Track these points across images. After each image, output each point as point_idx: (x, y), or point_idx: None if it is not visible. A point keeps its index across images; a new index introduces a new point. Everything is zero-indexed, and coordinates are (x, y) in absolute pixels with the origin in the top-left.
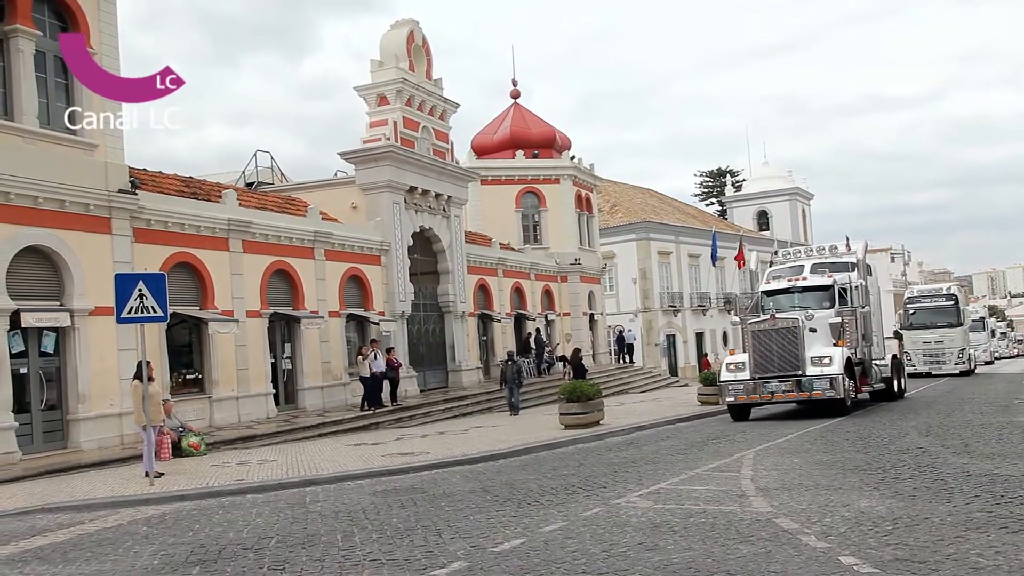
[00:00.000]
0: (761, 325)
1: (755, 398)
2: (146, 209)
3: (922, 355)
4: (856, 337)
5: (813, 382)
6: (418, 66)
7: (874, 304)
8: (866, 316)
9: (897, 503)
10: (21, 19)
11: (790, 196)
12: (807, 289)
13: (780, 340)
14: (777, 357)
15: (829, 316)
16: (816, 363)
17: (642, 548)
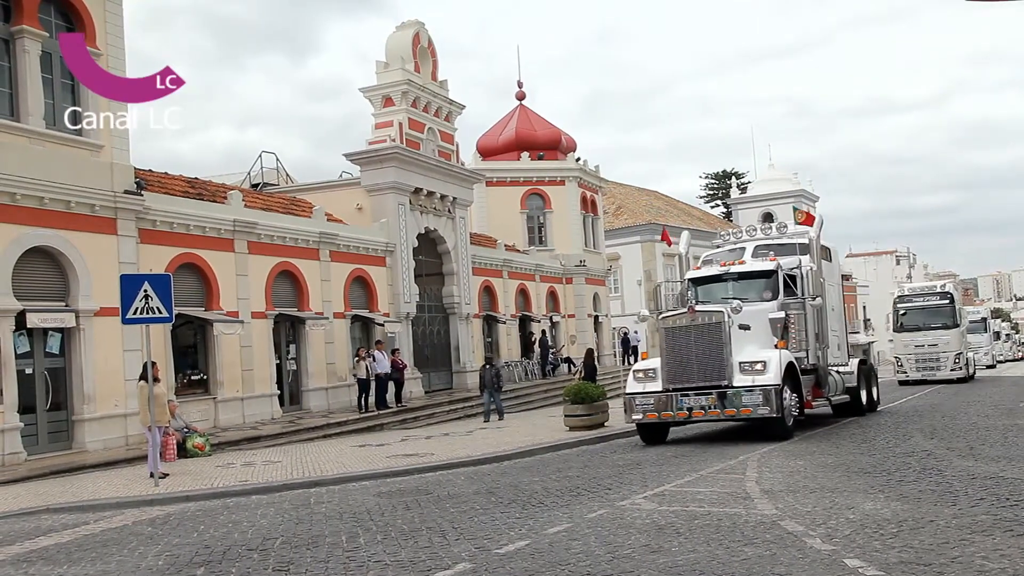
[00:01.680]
0: (676, 321)
1: (668, 415)
2: (152, 210)
3: (914, 360)
4: (806, 337)
5: (741, 395)
6: (424, 68)
7: (834, 296)
8: (821, 311)
9: (902, 506)
10: (27, 20)
11: (795, 198)
12: (744, 276)
13: (700, 340)
14: (697, 362)
15: (769, 310)
16: (746, 370)
17: (647, 550)
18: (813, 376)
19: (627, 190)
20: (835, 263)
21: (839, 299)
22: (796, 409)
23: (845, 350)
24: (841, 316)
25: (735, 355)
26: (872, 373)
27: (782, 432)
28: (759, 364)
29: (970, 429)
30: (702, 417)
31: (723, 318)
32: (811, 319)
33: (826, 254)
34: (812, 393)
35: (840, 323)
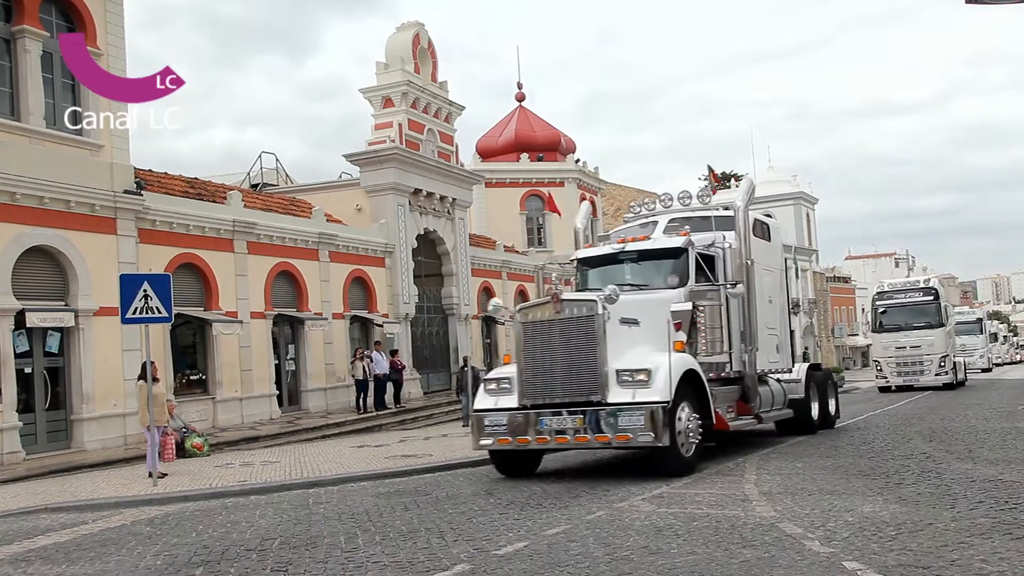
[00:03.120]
0: (536, 313)
1: (524, 441)
2: (151, 210)
3: (895, 364)
4: (724, 336)
5: (618, 416)
6: (423, 69)
7: (773, 284)
8: (748, 302)
9: (901, 508)
10: (28, 20)
11: (795, 200)
12: (645, 255)
13: (567, 340)
14: (562, 370)
15: (671, 300)
16: (625, 381)
17: (645, 552)
18: (738, 387)
19: (626, 192)
20: (776, 243)
21: (781, 288)
22: (698, 434)
23: (787, 353)
24: (784, 310)
25: (613, 360)
26: (828, 382)
27: (676, 466)
28: (641, 374)
29: (969, 432)
30: (566, 444)
31: (596, 309)
32: (736, 313)
33: (762, 230)
34: (737, 408)
35: (782, 319)
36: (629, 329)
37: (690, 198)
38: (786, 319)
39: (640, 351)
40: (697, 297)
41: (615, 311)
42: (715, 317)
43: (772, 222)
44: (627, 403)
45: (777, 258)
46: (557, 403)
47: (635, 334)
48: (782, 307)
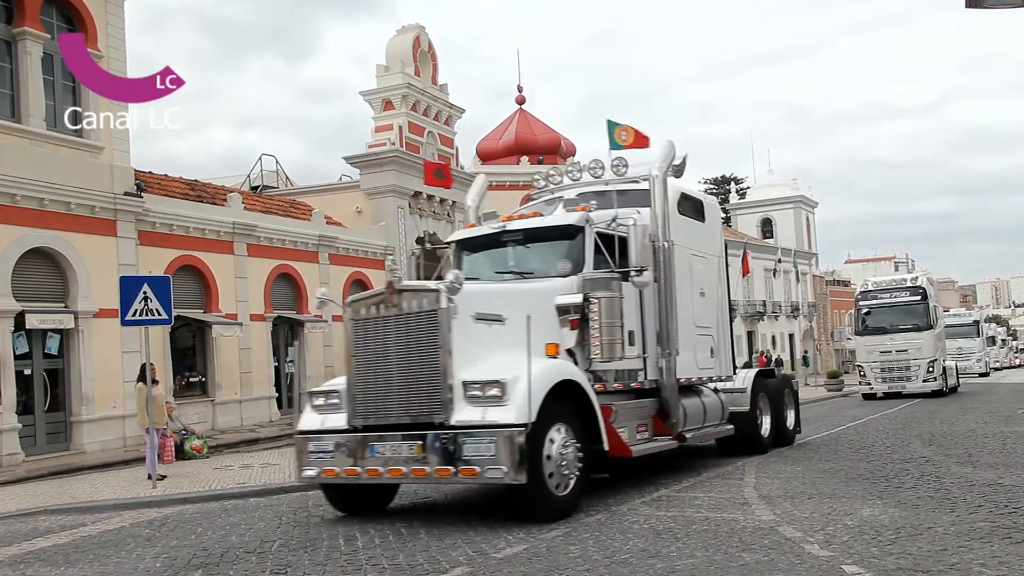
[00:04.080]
0: (368, 308)
1: (354, 472)
2: (151, 212)
3: (880, 369)
4: (622, 335)
5: (462, 443)
6: (424, 71)
7: (703, 274)
8: (666, 294)
9: (900, 512)
10: (29, 22)
11: (794, 204)
12: (533, 236)
13: (405, 343)
14: (399, 381)
15: (553, 291)
16: (474, 397)
17: (644, 555)
18: (654, 400)
19: None
20: (713, 225)
21: (719, 279)
22: (574, 468)
23: (727, 358)
24: (723, 306)
25: (463, 368)
26: (785, 391)
27: (542, 509)
28: (493, 387)
29: (968, 436)
30: (401, 478)
31: (440, 302)
32: (651, 308)
33: (691, 208)
34: (654, 426)
35: (720, 316)
36: (490, 328)
37: (602, 168)
38: (725, 316)
39: (501, 357)
40: (592, 287)
41: (469, 304)
42: (614, 312)
43: (709, 200)
44: (475, 425)
45: (714, 243)
46: (392, 424)
47: (500, 335)
48: (721, 302)
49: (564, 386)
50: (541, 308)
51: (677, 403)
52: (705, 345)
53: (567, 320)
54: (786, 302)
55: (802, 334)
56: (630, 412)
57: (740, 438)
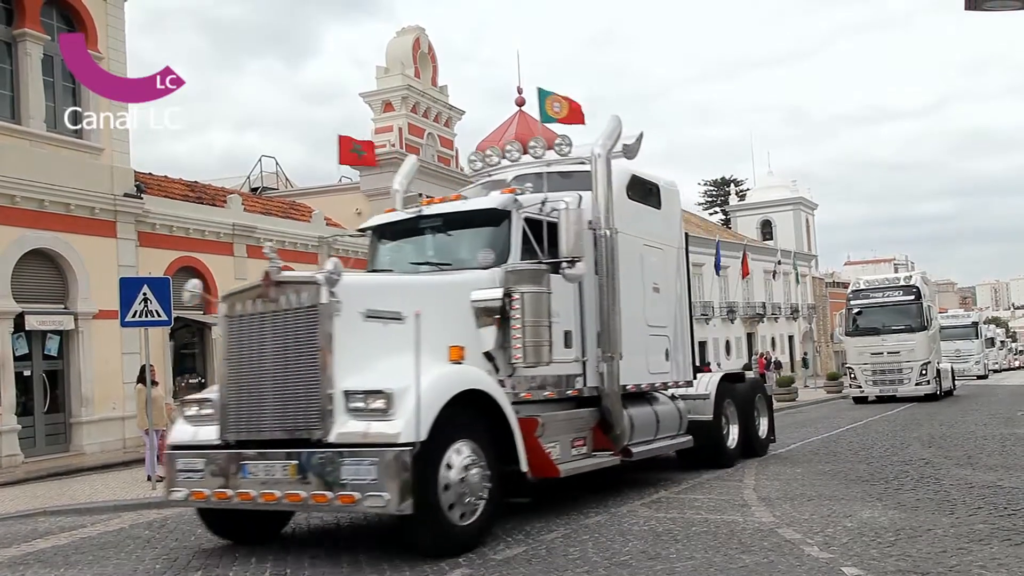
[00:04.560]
0: (243, 304)
1: (225, 495)
2: (151, 213)
3: (871, 371)
4: (550, 336)
5: (340, 464)
6: (424, 73)
7: (656, 267)
8: (609, 289)
9: (900, 514)
10: (29, 23)
11: (794, 206)
12: (453, 222)
13: (283, 344)
14: (275, 389)
15: (466, 284)
16: (357, 409)
17: (644, 556)
18: (594, 410)
19: None
20: (671, 213)
21: (677, 274)
22: (480, 493)
23: (685, 361)
24: (681, 303)
25: (347, 375)
26: (755, 397)
27: (438, 542)
28: (377, 398)
29: (968, 438)
30: (275, 504)
31: (320, 296)
32: (592, 305)
33: (643, 193)
34: (594, 440)
35: (678, 315)
36: (386, 328)
37: (544, 148)
38: (685, 315)
39: (397, 362)
40: (515, 281)
41: (358, 299)
42: (540, 310)
43: (666, 184)
44: (354, 443)
45: (672, 233)
46: (267, 440)
47: (399, 336)
48: (679, 299)
49: (470, 397)
50: (454, 305)
51: (621, 413)
52: (659, 347)
53: (486, 319)
54: (786, 304)
55: (802, 336)
56: (562, 424)
57: (701, 450)
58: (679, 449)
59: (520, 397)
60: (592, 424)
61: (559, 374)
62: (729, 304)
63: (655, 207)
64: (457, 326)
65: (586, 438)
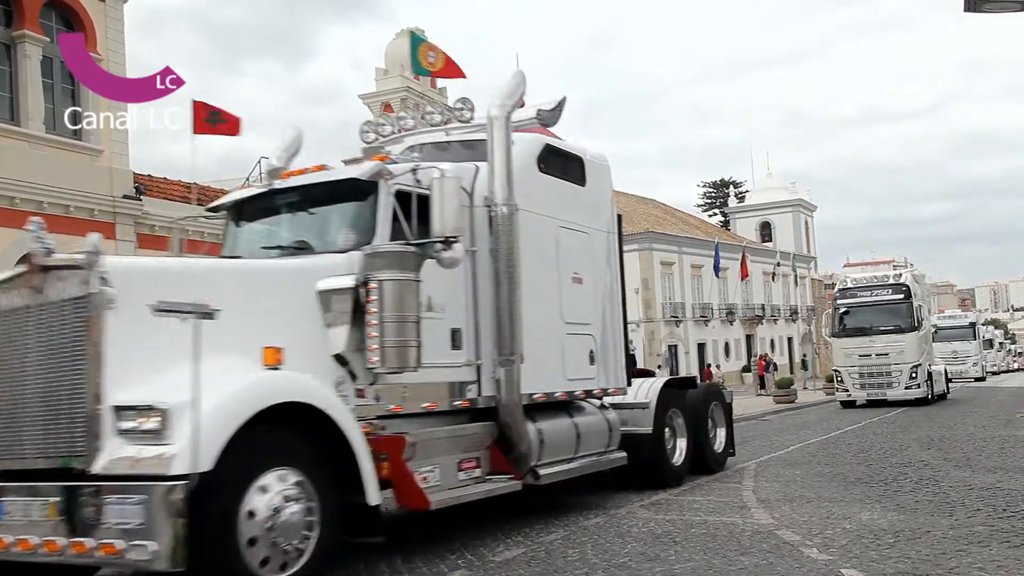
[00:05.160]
0: (10, 296)
1: None
2: (150, 215)
3: (858, 374)
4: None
5: (101, 503)
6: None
7: (578, 254)
8: (507, 277)
9: (899, 516)
10: (29, 25)
11: (793, 207)
12: (313, 198)
13: (44, 345)
14: (37, 404)
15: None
16: (128, 430)
17: (643, 558)
18: (489, 426)
19: (625, 198)
20: (597, 189)
21: (607, 263)
22: (299, 536)
23: (617, 365)
24: (612, 298)
25: (119, 387)
26: (710, 405)
27: None
28: (150, 416)
29: (967, 440)
30: (31, 554)
31: (89, 284)
32: (487, 297)
33: (562, 166)
34: (491, 461)
35: (609, 311)
36: (186, 326)
37: (434, 113)
38: (617, 311)
39: (188, 370)
40: (375, 266)
41: (142, 289)
42: (404, 302)
43: (594, 158)
44: (120, 475)
45: (600, 215)
46: (28, 470)
47: (210, 337)
48: (609, 293)
49: (294, 412)
50: (293, 296)
51: (523, 428)
52: (581, 348)
53: (336, 313)
54: (785, 305)
55: (801, 337)
56: (444, 443)
57: (638, 467)
58: (613, 467)
59: (388, 410)
60: (488, 442)
61: (445, 381)
62: (728, 306)
63: (577, 183)
64: (297, 323)
65: (479, 459)
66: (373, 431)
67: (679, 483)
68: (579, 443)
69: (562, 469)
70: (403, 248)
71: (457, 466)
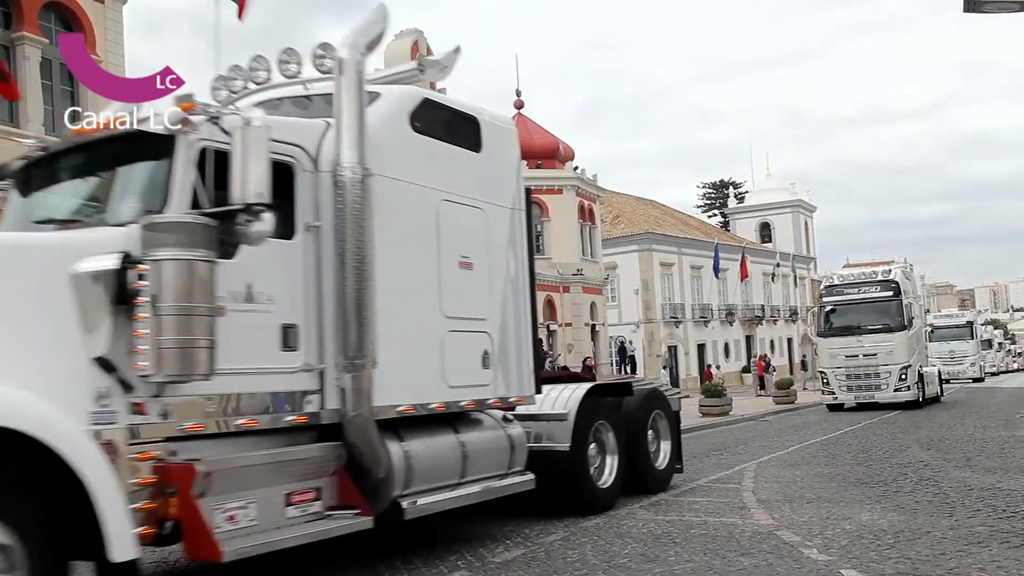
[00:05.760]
0: None
1: None
2: None
3: (844, 376)
4: (202, 331)
5: None
6: None
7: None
8: (354, 260)
9: (899, 516)
10: (28, 26)
11: (793, 208)
12: (100, 160)
13: None
14: None
15: (86, 246)
16: None
17: (643, 559)
18: (334, 448)
19: (625, 199)
20: (496, 157)
21: (510, 245)
22: None
23: (522, 368)
24: (515, 286)
25: None
26: (651, 415)
27: None
28: None
29: (967, 440)
30: None
31: None
32: (330, 283)
33: (446, 126)
34: (338, 491)
35: (504, 303)
36: None
37: (299, 64)
38: (523, 304)
39: None
40: (154, 241)
41: None
42: (189, 288)
43: (494, 120)
44: None
45: (500, 188)
46: None
47: None
48: (512, 281)
49: None
50: (41, 283)
51: (376, 449)
52: (469, 348)
53: (96, 304)
54: (785, 306)
55: (800, 338)
56: (262, 471)
57: (553, 491)
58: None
59: (180, 430)
60: (333, 467)
61: (271, 391)
62: (728, 307)
63: (470, 148)
64: (37, 318)
65: (319, 489)
66: (159, 458)
67: (606, 509)
68: (466, 465)
69: (438, 500)
70: (189, 219)
71: (285, 500)
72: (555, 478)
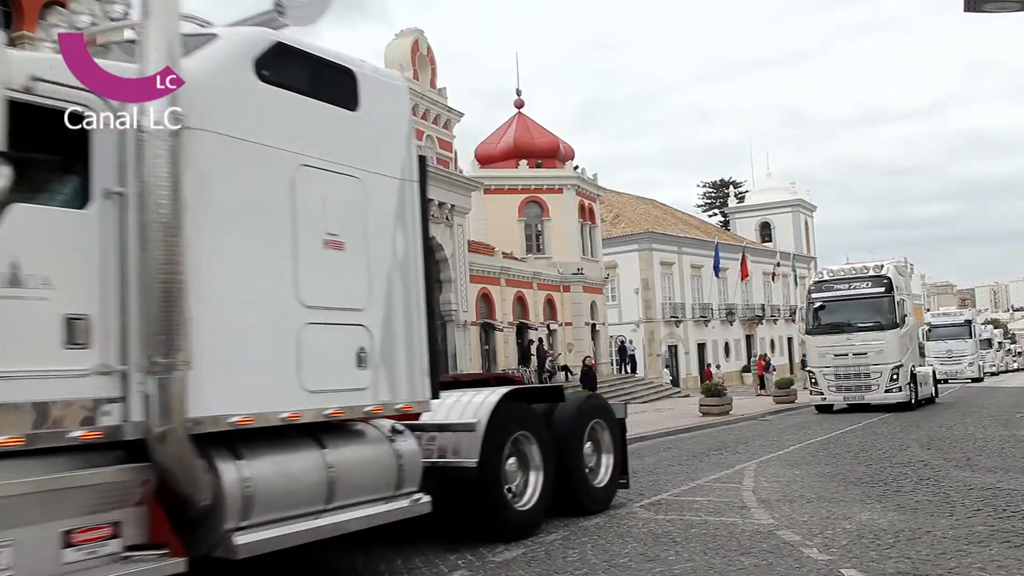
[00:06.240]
0: None
1: None
2: None
3: (833, 375)
4: None
5: None
6: (422, 75)
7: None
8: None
9: (899, 516)
10: (27, 26)
11: (793, 208)
12: None
13: None
14: None
15: None
16: None
17: (643, 558)
18: (138, 470)
19: (625, 199)
20: (377, 115)
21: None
22: None
23: (413, 369)
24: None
25: None
26: (588, 425)
27: None
28: None
29: (967, 440)
30: None
31: None
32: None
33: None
34: (150, 527)
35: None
36: None
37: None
38: (415, 293)
39: None
40: None
41: None
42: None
43: (374, 74)
44: None
45: (384, 154)
46: None
47: None
48: (400, 265)
49: None
50: None
51: (194, 472)
52: (338, 344)
53: None
54: (785, 306)
55: (800, 338)
56: (26, 504)
57: (457, 514)
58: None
59: None
60: (138, 496)
61: (52, 399)
62: (728, 306)
63: (343, 106)
64: None
65: (118, 524)
66: None
67: (527, 534)
68: (333, 489)
69: (288, 533)
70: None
71: (63, 540)
72: (462, 499)
